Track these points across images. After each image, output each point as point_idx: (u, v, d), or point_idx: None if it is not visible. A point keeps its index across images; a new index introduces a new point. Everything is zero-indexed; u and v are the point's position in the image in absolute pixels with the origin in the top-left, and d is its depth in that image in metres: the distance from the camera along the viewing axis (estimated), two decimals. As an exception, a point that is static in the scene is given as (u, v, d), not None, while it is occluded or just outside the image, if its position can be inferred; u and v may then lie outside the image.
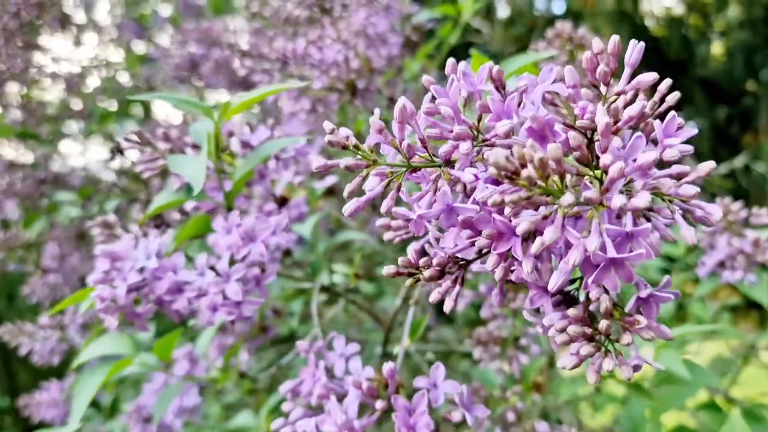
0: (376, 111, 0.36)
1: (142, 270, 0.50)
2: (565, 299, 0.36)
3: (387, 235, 0.45)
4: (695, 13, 5.83)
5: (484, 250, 0.35)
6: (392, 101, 1.10)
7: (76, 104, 1.62)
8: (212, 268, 0.50)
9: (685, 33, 5.83)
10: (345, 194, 0.34)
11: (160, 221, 0.61)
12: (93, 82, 1.75)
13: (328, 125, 0.35)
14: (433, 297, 0.35)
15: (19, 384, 3.81)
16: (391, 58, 1.21)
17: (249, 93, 0.53)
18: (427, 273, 0.33)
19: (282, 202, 0.69)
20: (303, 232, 0.73)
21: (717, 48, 5.86)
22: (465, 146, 0.32)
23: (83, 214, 1.44)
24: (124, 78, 1.96)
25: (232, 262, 0.49)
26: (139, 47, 2.14)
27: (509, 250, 0.32)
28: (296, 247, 0.74)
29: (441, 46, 1.24)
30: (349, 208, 0.36)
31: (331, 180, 0.81)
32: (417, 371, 0.85)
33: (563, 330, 0.32)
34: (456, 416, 0.43)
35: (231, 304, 0.48)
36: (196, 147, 0.59)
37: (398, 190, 0.35)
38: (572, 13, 5.11)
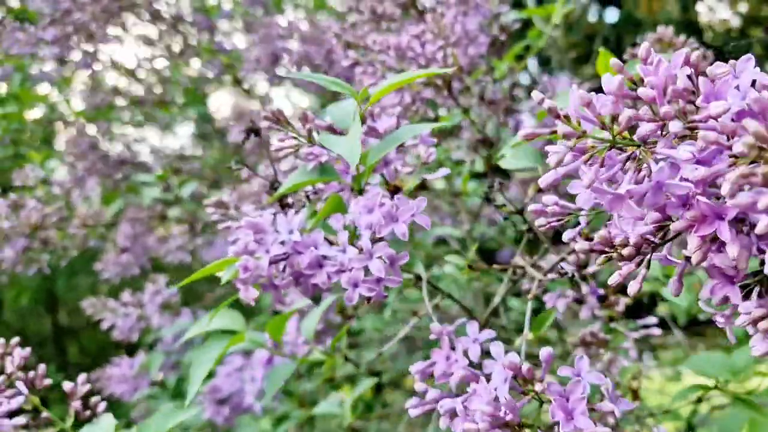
0: (574, 87, 0.36)
1: (283, 243, 0.51)
2: (749, 289, 0.35)
3: (539, 221, 0.45)
4: (755, 26, 5.66)
5: (670, 235, 0.34)
6: (482, 99, 1.10)
7: (158, 91, 1.68)
8: (352, 244, 0.51)
9: (746, 46, 5.65)
10: (551, 162, 0.35)
11: (285, 201, 0.62)
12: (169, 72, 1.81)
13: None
14: (614, 279, 0.35)
15: (69, 360, 3.94)
16: (478, 57, 1.21)
17: (392, 78, 0.54)
18: (625, 251, 0.33)
19: (395, 190, 0.69)
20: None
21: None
22: (676, 125, 0.32)
23: (162, 197, 1.48)
24: (194, 66, 2.02)
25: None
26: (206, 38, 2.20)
27: (710, 233, 0.32)
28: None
29: (529, 48, 1.23)
30: (546, 179, 0.36)
31: (444, 171, 0.81)
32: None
33: (762, 318, 0.32)
34: (606, 407, 0.42)
35: (372, 280, 0.49)
36: (330, 129, 0.60)
37: (602, 165, 0.35)
38: (631, 21, 5.02)
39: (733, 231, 0.31)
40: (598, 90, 0.37)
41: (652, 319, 0.78)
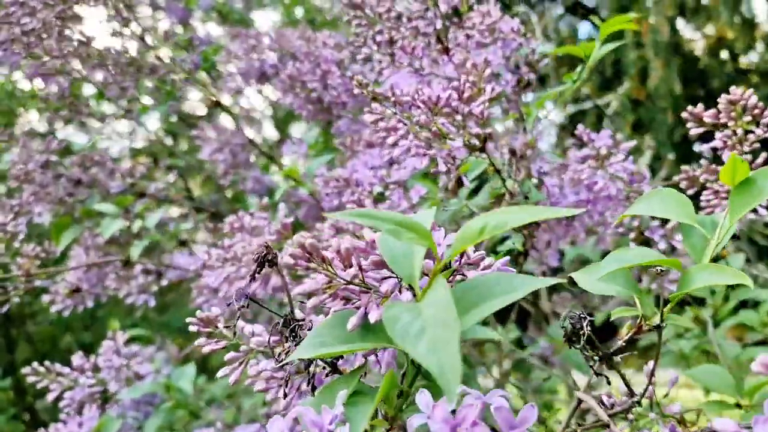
0: None
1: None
2: None
3: None
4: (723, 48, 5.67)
5: None
6: (513, 154, 0.94)
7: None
8: None
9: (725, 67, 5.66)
10: None
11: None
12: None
13: None
14: None
15: (19, 359, 3.67)
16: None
17: (500, 216, 0.37)
18: None
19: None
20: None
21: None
22: None
23: (124, 229, 1.28)
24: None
25: None
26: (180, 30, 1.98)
27: None
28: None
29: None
30: None
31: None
32: None
33: None
34: None
35: None
36: (381, 265, 0.42)
37: None
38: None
39: None
40: None
41: None
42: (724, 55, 5.65)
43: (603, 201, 0.91)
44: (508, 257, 0.43)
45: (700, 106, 0.83)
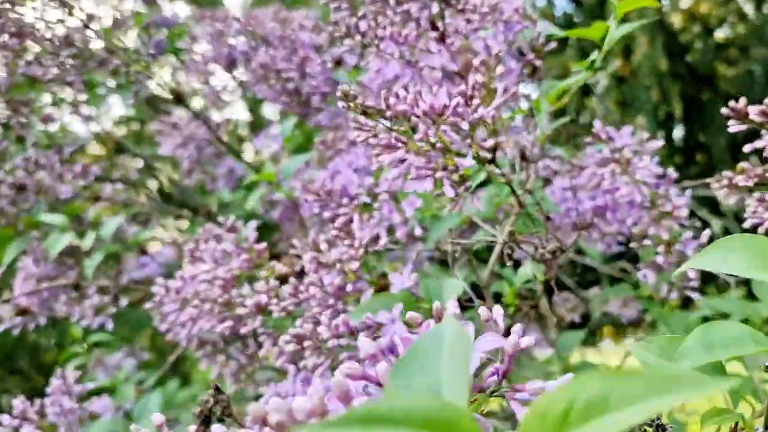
0: None
1: None
2: None
3: None
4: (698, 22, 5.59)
5: None
6: (523, 157, 0.81)
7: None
8: None
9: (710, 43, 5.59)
10: None
11: None
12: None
13: None
14: None
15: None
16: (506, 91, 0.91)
17: None
18: None
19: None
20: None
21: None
22: None
23: (76, 241, 1.12)
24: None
25: None
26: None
27: None
28: None
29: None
30: None
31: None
32: None
33: None
34: None
35: None
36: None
37: None
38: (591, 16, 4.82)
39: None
40: None
41: None
42: (697, 29, 5.58)
43: (625, 208, 0.79)
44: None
45: (743, 100, 0.71)
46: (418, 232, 0.77)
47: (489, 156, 0.58)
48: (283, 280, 0.67)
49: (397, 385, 0.27)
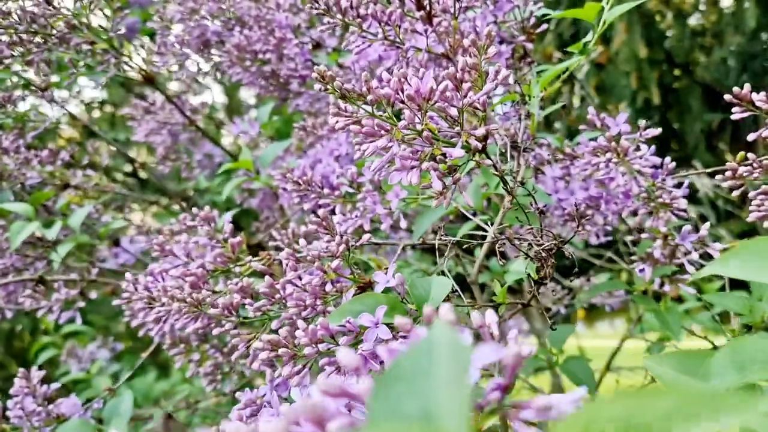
0: None
1: None
2: None
3: None
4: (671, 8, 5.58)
5: None
6: (514, 146, 0.76)
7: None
8: None
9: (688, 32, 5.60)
10: None
11: None
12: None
13: None
14: None
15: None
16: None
17: None
18: None
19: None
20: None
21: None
22: None
23: (43, 233, 1.06)
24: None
25: None
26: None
27: None
28: None
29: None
30: None
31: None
32: None
33: None
34: None
35: None
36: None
37: None
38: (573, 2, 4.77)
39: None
40: None
41: None
42: (671, 16, 5.57)
43: (621, 199, 0.76)
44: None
45: (748, 86, 0.68)
46: (403, 224, 0.73)
47: (480, 145, 0.54)
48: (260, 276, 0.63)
49: (381, 409, 0.23)
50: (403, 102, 0.48)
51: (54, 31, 1.01)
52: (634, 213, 0.77)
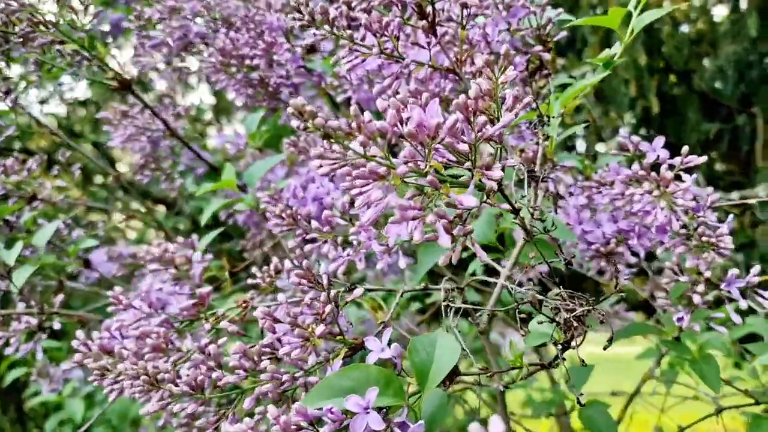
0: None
1: None
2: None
3: None
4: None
5: None
6: (531, 176, 0.66)
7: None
8: None
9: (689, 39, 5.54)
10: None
11: None
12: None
13: None
14: None
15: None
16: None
17: None
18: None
19: None
20: None
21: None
22: None
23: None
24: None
25: None
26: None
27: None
28: None
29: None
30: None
31: None
32: None
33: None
34: None
35: None
36: None
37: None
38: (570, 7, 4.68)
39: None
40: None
41: None
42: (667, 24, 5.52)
43: (656, 233, 0.66)
44: None
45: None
46: (402, 264, 0.62)
47: (495, 186, 0.44)
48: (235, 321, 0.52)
49: None
50: (402, 137, 0.38)
51: (16, 29, 0.91)
52: (666, 248, 0.68)
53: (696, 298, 0.63)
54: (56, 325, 0.97)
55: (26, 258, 1.04)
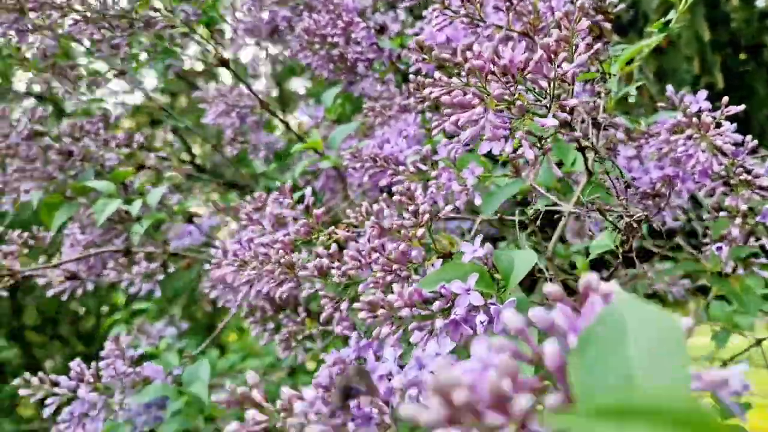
0: None
1: None
2: None
3: None
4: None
5: None
6: (594, 123, 0.76)
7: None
8: None
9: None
10: None
11: None
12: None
13: None
14: None
15: (27, 324, 3.60)
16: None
17: None
18: None
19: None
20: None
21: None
22: None
23: (123, 207, 1.12)
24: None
25: None
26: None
27: None
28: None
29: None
30: None
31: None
32: None
33: None
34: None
35: None
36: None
37: None
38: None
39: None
40: None
41: None
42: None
43: (698, 177, 0.75)
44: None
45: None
46: (477, 201, 0.74)
47: (568, 117, 0.55)
48: (341, 247, 0.65)
49: (587, 374, 0.23)
50: (494, 73, 0.49)
51: (137, 16, 1.07)
52: (710, 194, 0.76)
53: (734, 231, 0.72)
54: (171, 269, 1.14)
55: (143, 215, 1.22)
